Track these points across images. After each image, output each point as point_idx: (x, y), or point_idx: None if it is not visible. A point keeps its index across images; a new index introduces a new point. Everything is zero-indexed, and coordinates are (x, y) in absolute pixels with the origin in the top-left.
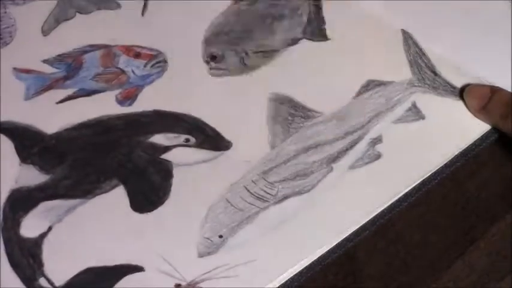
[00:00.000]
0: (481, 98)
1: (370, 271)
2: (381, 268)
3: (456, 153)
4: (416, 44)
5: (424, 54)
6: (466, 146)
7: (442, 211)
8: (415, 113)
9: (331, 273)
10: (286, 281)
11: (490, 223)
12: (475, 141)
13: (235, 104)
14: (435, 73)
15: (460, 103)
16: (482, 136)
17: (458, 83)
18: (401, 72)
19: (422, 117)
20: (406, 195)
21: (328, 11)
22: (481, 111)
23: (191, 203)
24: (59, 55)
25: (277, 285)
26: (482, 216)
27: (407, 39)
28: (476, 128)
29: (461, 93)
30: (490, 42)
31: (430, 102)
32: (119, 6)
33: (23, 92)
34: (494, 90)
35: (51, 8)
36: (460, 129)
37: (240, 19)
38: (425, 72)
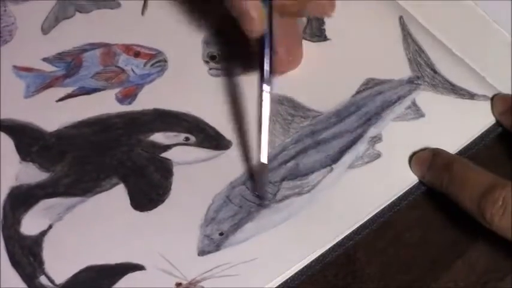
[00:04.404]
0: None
1: (370, 271)
2: (381, 268)
3: (456, 151)
4: (415, 42)
5: (423, 51)
6: (466, 144)
7: (442, 211)
8: (415, 111)
9: (331, 273)
10: (287, 280)
11: None
12: (475, 140)
13: (235, 104)
14: (434, 71)
15: (460, 101)
16: (481, 134)
17: (458, 81)
18: (401, 70)
19: (422, 115)
20: (406, 194)
21: None
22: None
23: (191, 201)
24: (58, 53)
25: (277, 285)
26: None
27: (407, 37)
28: (476, 125)
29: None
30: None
31: (430, 100)
32: (118, 5)
33: (23, 89)
34: None
35: (51, 6)
36: (460, 127)
37: None
38: (424, 69)
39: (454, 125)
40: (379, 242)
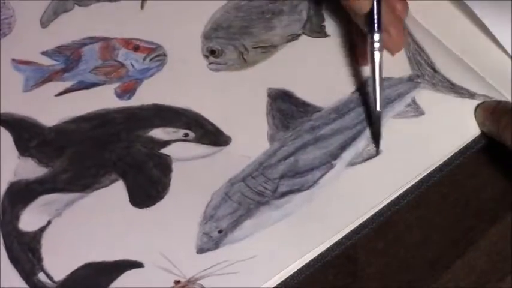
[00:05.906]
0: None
1: (370, 271)
2: (381, 268)
3: (455, 150)
4: (415, 42)
5: (423, 51)
6: (465, 143)
7: (442, 211)
8: (415, 109)
9: (331, 273)
10: (286, 279)
11: (490, 223)
12: (475, 139)
13: (235, 99)
14: (435, 70)
15: (459, 100)
16: (481, 134)
17: (458, 80)
18: (401, 68)
19: (422, 113)
20: (406, 193)
21: (328, 7)
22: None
23: (190, 198)
24: (57, 47)
25: (277, 283)
26: (482, 217)
27: (407, 36)
28: (475, 125)
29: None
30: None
31: (430, 99)
32: None
33: (22, 83)
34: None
35: None
36: (460, 126)
37: (240, 14)
38: (424, 68)
39: (454, 124)
40: (379, 242)
